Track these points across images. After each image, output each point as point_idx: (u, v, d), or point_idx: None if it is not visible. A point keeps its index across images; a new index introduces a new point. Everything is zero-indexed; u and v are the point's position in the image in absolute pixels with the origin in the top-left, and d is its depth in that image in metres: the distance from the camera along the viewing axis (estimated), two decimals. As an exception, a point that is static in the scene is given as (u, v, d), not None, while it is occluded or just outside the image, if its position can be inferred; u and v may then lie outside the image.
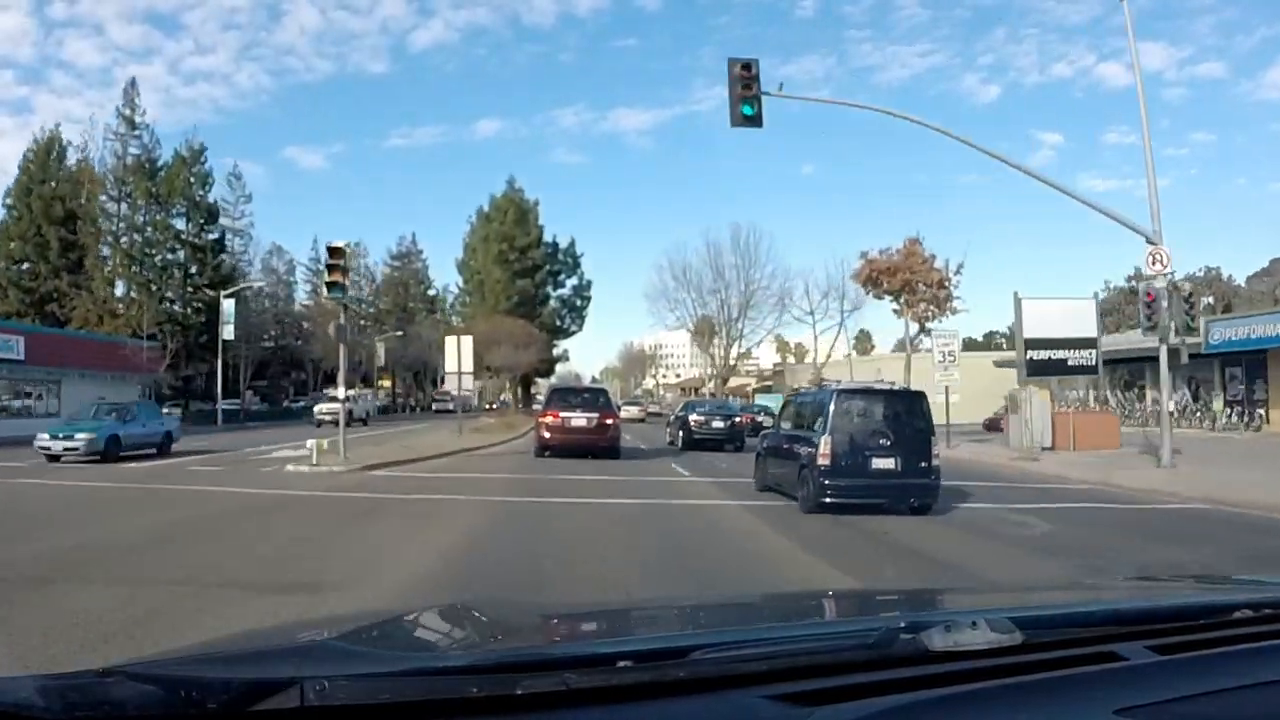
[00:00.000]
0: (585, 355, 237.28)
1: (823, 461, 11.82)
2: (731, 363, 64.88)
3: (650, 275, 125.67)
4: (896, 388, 13.63)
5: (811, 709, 1.24)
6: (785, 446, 13.68)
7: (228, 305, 48.48)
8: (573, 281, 69.33)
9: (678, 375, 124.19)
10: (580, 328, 70.29)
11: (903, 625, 1.46)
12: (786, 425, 14.40)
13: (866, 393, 12.96)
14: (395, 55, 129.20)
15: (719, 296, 62.44)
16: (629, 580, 7.50)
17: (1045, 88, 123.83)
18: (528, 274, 62.55)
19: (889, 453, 11.91)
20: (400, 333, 75.67)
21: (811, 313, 50.47)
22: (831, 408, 12.16)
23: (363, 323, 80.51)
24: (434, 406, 79.54)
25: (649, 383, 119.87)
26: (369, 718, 1.19)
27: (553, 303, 66.56)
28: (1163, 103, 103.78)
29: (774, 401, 46.53)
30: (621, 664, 1.32)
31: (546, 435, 21.52)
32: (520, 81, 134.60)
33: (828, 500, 11.67)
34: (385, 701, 1.20)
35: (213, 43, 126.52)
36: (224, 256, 62.74)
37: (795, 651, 1.46)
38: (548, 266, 65.16)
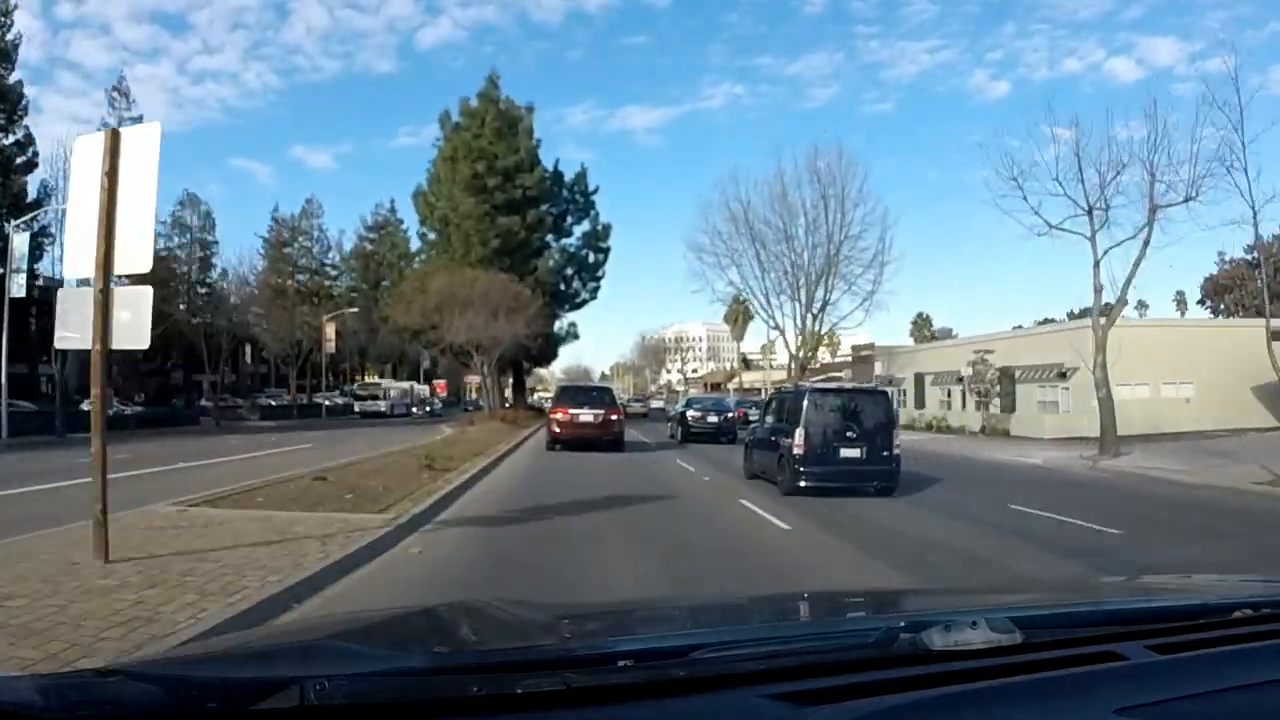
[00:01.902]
0: (595, 347, 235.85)
1: (798, 451, 13.56)
2: (810, 350, 46.18)
3: (693, 223, 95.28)
4: (862, 386, 15.74)
5: (811, 708, 1.24)
6: (768, 439, 15.32)
7: (20, 242, 31.11)
8: (583, 228, 48.85)
9: (695, 370, 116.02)
10: (594, 295, 49.19)
11: (903, 625, 1.46)
12: (769, 420, 15.92)
13: (836, 391, 15.02)
14: (403, 53, 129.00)
15: (794, 246, 44.21)
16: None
17: (1054, 83, 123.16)
18: (515, 209, 42.66)
19: (855, 443, 13.68)
20: (353, 308, 59.00)
21: (1188, 198, 21.03)
22: (805, 404, 13.95)
23: (315, 300, 64.25)
24: (356, 408, 59.74)
25: (669, 376, 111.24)
26: (369, 718, 1.19)
27: (554, 255, 46.83)
28: (1174, 98, 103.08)
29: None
30: (621, 664, 1.32)
31: (557, 429, 23.41)
32: (528, 79, 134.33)
33: (802, 484, 13.42)
34: (385, 701, 1.20)
35: (220, 42, 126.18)
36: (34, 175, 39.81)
37: (795, 651, 1.46)
38: (547, 205, 45.67)
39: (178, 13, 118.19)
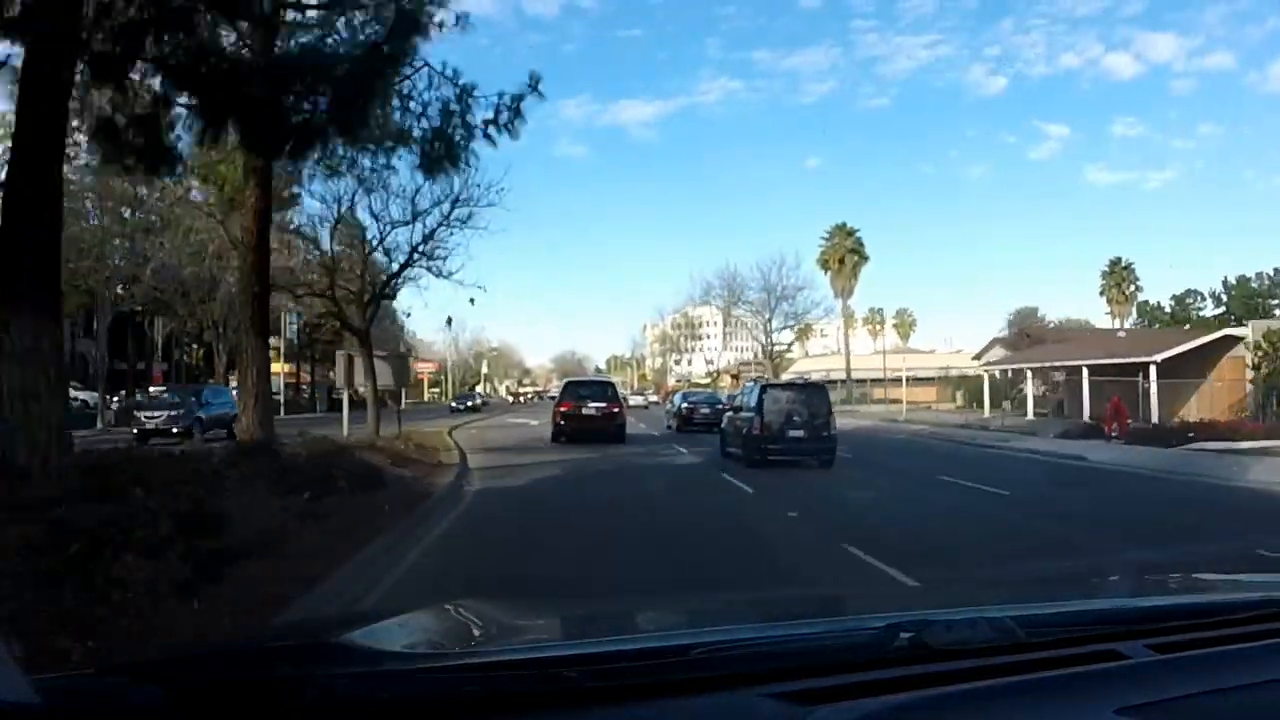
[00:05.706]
0: (596, 340, 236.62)
1: (756, 432, 17.22)
2: None
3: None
4: (809, 381, 20.20)
5: (812, 707, 1.24)
6: (736, 424, 19.04)
7: None
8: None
9: (708, 361, 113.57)
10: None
11: (903, 624, 1.46)
12: (737, 409, 19.62)
13: (785, 385, 19.82)
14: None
15: None
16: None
17: (1052, 79, 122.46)
18: None
19: (800, 426, 17.35)
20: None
21: None
22: (763, 396, 17.68)
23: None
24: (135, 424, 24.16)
25: (686, 367, 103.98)
26: (369, 718, 1.19)
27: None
28: (1172, 95, 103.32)
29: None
30: (622, 663, 1.32)
31: (562, 423, 24.38)
32: (523, 72, 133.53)
33: (759, 458, 16.99)
34: (385, 701, 1.20)
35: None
36: None
37: (796, 650, 1.46)
38: None
39: None
